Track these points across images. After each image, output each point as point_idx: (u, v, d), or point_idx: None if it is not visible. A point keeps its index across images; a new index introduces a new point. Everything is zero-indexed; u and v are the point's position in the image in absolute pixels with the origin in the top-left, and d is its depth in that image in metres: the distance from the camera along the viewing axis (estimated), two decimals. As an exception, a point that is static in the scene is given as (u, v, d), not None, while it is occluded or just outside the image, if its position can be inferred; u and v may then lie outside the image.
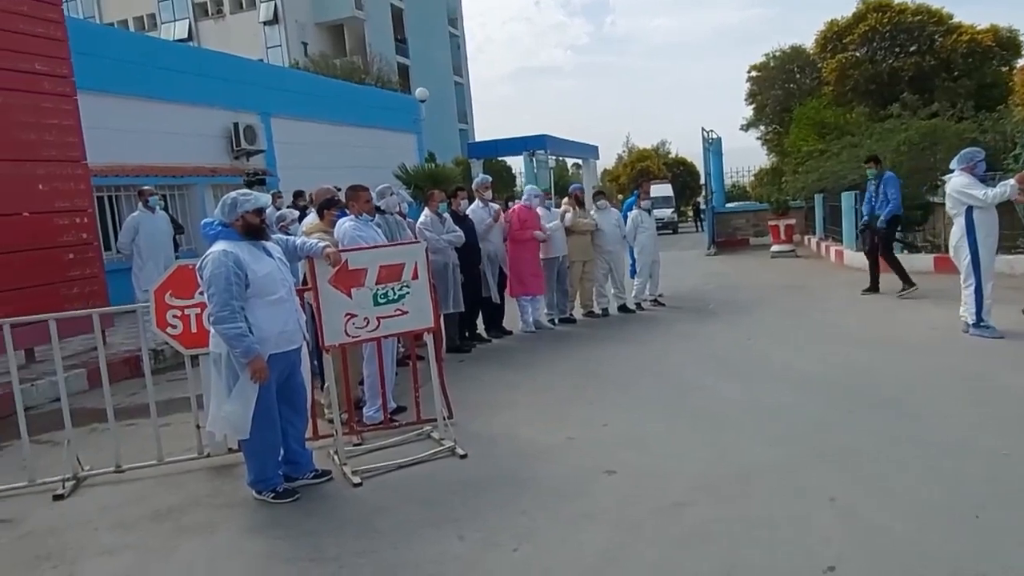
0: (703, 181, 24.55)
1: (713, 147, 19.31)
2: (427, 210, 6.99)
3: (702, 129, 18.29)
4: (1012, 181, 6.16)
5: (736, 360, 6.25)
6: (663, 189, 29.99)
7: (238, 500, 3.88)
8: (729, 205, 22.80)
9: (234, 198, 3.73)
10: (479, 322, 7.77)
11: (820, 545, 2.96)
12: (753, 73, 29.92)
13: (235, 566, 3.17)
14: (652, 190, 10.37)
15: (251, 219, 3.74)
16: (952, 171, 6.50)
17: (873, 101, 23.04)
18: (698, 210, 31.52)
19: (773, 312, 8.54)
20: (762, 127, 30.51)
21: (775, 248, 15.48)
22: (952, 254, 6.60)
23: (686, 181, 41.76)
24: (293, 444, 4.00)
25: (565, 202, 8.73)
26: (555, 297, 8.41)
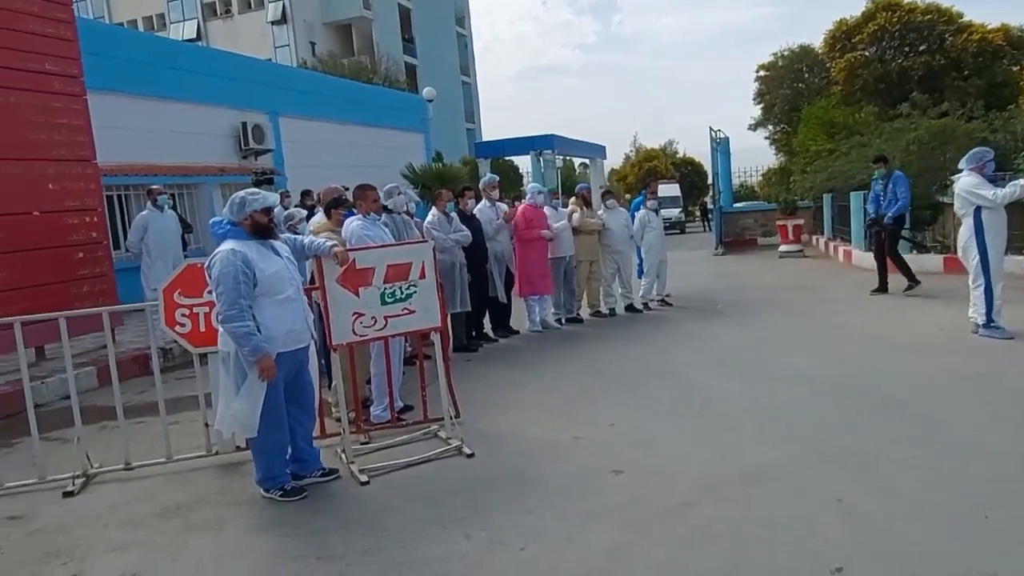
0: (711, 181, 24.51)
1: (721, 147, 19.28)
2: (434, 209, 7.01)
3: (710, 129, 18.24)
4: (1022, 181, 6.14)
5: (744, 360, 6.23)
6: (670, 189, 30.01)
7: (246, 498, 3.90)
8: (737, 205, 22.77)
9: (242, 197, 3.75)
10: (486, 321, 7.79)
11: (827, 546, 2.95)
12: (761, 72, 29.79)
13: (243, 563, 3.19)
14: (659, 190, 10.38)
15: (259, 218, 3.75)
16: (961, 171, 6.47)
17: (882, 100, 22.91)
18: (705, 210, 31.47)
19: (781, 312, 8.52)
20: (770, 127, 30.38)
21: (783, 248, 15.43)
22: (961, 254, 6.57)
23: (694, 181, 41.75)
24: (301, 442, 4.02)
25: (572, 202, 8.72)
26: (562, 297, 8.41)
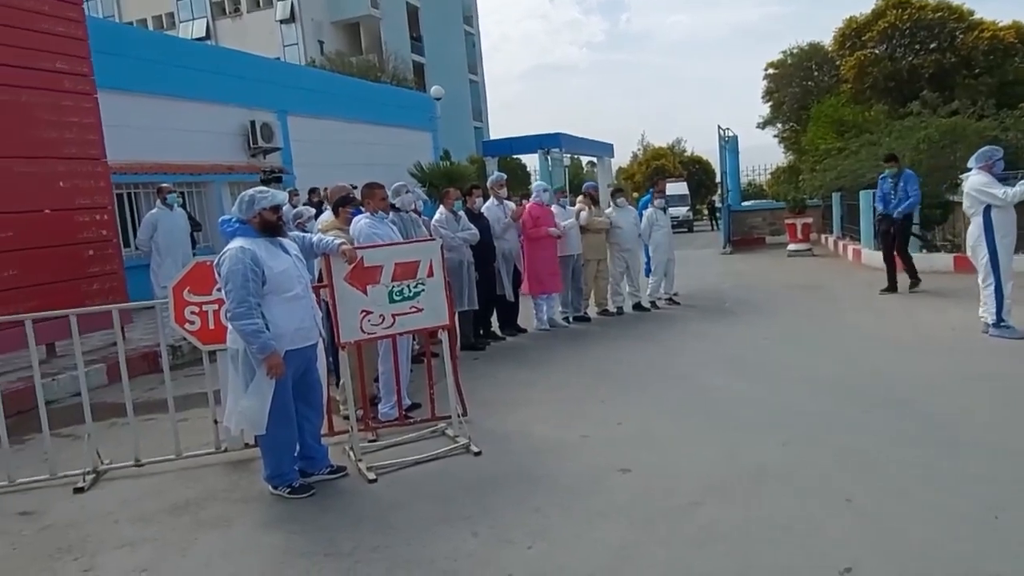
0: (719, 179, 24.41)
1: (729, 145, 19.22)
2: (442, 208, 7.01)
3: (718, 127, 18.25)
4: (1033, 180, 6.10)
5: (751, 360, 6.21)
6: (678, 187, 29.91)
7: (254, 495, 3.91)
8: (745, 203, 22.67)
9: (251, 195, 3.77)
10: (493, 320, 7.79)
11: (836, 546, 2.94)
12: (770, 70, 29.60)
13: (251, 560, 3.20)
14: (667, 188, 10.35)
15: (268, 216, 3.77)
16: (970, 169, 6.44)
17: (892, 99, 22.74)
18: (713, 208, 31.36)
19: (789, 311, 8.48)
20: (779, 125, 30.19)
21: (791, 247, 15.37)
22: (970, 253, 6.54)
23: (702, 179, 41.56)
24: (309, 440, 4.03)
25: (580, 200, 8.71)
26: (570, 295, 8.41)
